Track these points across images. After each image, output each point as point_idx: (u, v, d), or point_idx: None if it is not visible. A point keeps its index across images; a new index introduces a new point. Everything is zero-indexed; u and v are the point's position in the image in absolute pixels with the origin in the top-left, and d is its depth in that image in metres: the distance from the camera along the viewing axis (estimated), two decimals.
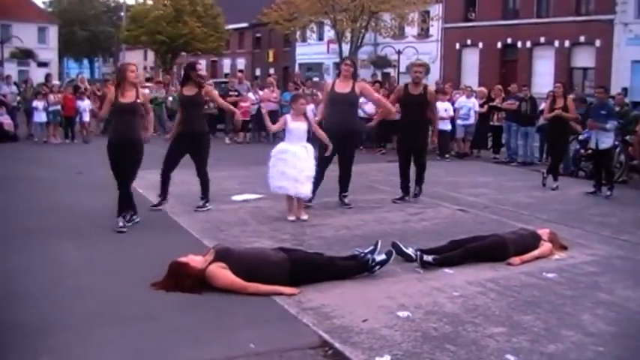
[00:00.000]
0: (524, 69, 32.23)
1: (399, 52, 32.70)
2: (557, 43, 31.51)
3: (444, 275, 5.67)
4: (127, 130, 7.16)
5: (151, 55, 52.91)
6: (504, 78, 29.50)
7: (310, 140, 7.99)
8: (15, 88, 19.54)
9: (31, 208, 8.35)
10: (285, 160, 7.67)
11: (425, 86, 9.40)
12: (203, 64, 53.39)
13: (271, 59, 48.94)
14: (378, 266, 5.59)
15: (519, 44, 33.13)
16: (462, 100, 16.03)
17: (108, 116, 7.96)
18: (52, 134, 17.21)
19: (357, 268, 5.57)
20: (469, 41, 35.59)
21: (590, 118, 10.79)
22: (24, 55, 50.62)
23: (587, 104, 12.97)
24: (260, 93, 18.60)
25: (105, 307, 4.72)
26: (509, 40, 33.58)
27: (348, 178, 8.80)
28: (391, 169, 9.43)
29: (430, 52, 36.39)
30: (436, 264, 5.85)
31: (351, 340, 4.19)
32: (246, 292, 4.98)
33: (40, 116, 16.94)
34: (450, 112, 15.61)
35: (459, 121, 15.80)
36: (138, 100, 7.26)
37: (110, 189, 7.32)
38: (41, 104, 16.86)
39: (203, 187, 8.35)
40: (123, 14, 51.12)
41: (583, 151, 12.61)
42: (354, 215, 8.22)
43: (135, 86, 7.30)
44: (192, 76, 8.22)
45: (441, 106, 15.44)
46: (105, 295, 5.00)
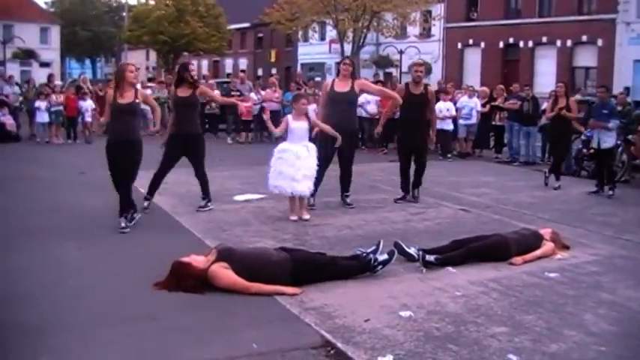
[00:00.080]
0: (526, 68, 32.18)
1: (401, 52, 32.65)
2: (559, 42, 31.47)
3: (446, 275, 5.67)
4: (126, 131, 7.12)
5: (153, 55, 53.07)
6: (506, 77, 29.45)
7: (311, 140, 7.99)
8: (17, 88, 19.58)
9: (33, 208, 8.36)
10: (285, 160, 7.68)
11: (425, 86, 9.42)
12: (205, 64, 53.73)
13: (273, 59, 48.96)
14: (380, 266, 5.60)
15: (521, 44, 33.08)
16: (464, 100, 16.03)
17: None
18: (54, 134, 17.24)
19: (359, 267, 5.57)
20: (471, 41, 35.55)
21: (592, 117, 10.78)
22: (26, 56, 50.70)
23: (588, 104, 12.96)
24: (262, 93, 18.61)
25: (106, 307, 4.72)
26: (511, 40, 33.55)
27: (349, 178, 8.81)
28: (393, 168, 9.44)
29: (432, 51, 36.38)
30: (438, 264, 5.84)
31: (354, 340, 4.19)
32: (249, 292, 4.98)
33: (43, 116, 16.98)
34: (452, 111, 15.61)
35: (461, 121, 15.80)
36: (137, 101, 7.23)
37: (112, 189, 7.31)
38: (43, 104, 16.90)
39: (203, 187, 8.35)
40: (125, 14, 51.25)
41: (585, 151, 12.62)
42: (356, 215, 8.22)
43: (134, 87, 7.27)
44: (186, 77, 8.17)
45: (443, 106, 15.51)
46: (107, 295, 5.00)
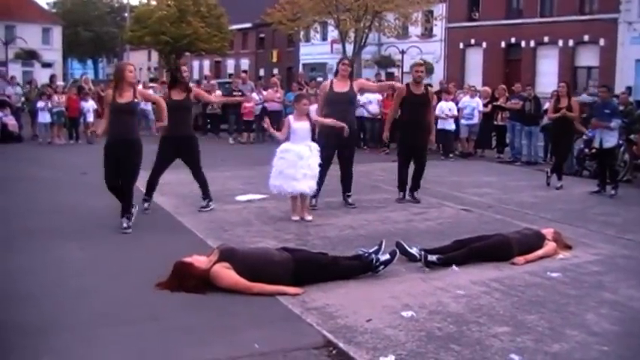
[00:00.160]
0: (528, 68, 32.16)
1: (402, 52, 32.64)
2: (561, 42, 31.46)
3: (448, 275, 5.67)
4: (125, 131, 7.08)
5: (155, 56, 53.14)
6: (508, 77, 29.45)
7: (313, 140, 7.99)
8: (19, 88, 19.60)
9: (35, 208, 8.37)
10: (286, 160, 7.67)
11: (426, 86, 9.45)
12: (207, 64, 53.78)
13: (275, 59, 48.95)
14: (382, 266, 5.59)
15: (523, 44, 33.07)
16: (465, 100, 16.03)
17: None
18: (56, 135, 17.26)
19: (361, 267, 5.57)
20: (473, 41, 35.55)
21: (594, 117, 10.78)
22: (28, 56, 50.73)
23: (590, 105, 12.96)
24: (264, 93, 18.62)
25: (108, 308, 4.72)
26: (512, 40, 33.54)
27: (349, 178, 8.80)
28: (395, 168, 9.43)
29: (434, 51, 36.38)
30: (440, 264, 5.84)
31: (355, 340, 4.19)
32: (251, 292, 4.98)
33: (45, 117, 17.00)
34: (454, 111, 15.62)
35: (462, 121, 15.80)
36: (136, 100, 7.20)
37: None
38: (45, 105, 16.92)
39: (203, 188, 8.35)
40: (127, 15, 51.31)
41: (587, 151, 12.61)
42: (357, 215, 8.22)
43: (132, 86, 7.22)
44: (180, 78, 8.12)
45: (445, 106, 15.53)
46: (108, 296, 5.00)
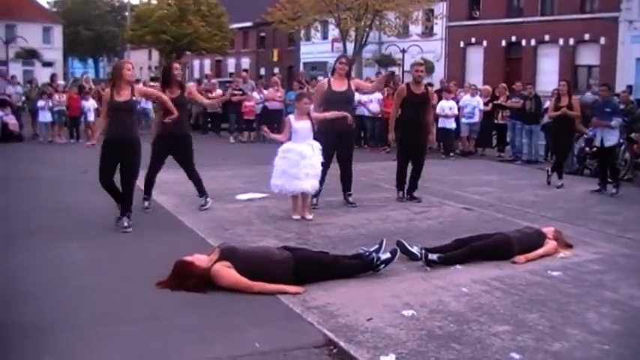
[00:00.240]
0: (528, 67, 32.14)
1: (403, 51, 32.63)
2: (561, 41, 31.43)
3: (448, 274, 5.67)
4: (123, 130, 7.07)
5: (156, 55, 53.13)
6: (509, 76, 29.43)
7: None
8: (20, 88, 19.60)
9: (35, 207, 8.37)
10: (288, 159, 7.66)
11: (426, 86, 9.47)
12: (207, 63, 53.78)
13: (276, 58, 48.94)
14: (382, 265, 5.59)
15: (524, 42, 33.04)
16: (466, 99, 16.03)
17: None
18: (56, 134, 17.28)
19: (361, 266, 5.57)
20: (473, 39, 35.52)
21: (595, 116, 10.77)
22: (29, 55, 50.76)
23: (590, 105, 12.95)
24: (264, 92, 18.61)
25: (109, 307, 4.72)
26: (513, 38, 33.52)
27: (349, 177, 8.78)
28: (395, 167, 9.43)
29: (434, 50, 36.38)
30: (441, 262, 5.84)
31: (356, 339, 4.19)
32: (251, 291, 4.98)
33: (45, 116, 17.01)
34: (455, 110, 15.61)
35: (463, 120, 15.80)
36: (134, 98, 7.20)
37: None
38: (46, 104, 16.92)
39: (198, 185, 8.37)
40: (127, 14, 51.33)
41: (588, 149, 12.61)
42: (358, 214, 8.22)
43: (130, 84, 7.21)
44: (172, 77, 8.10)
45: (446, 105, 15.54)
46: (109, 295, 5.00)
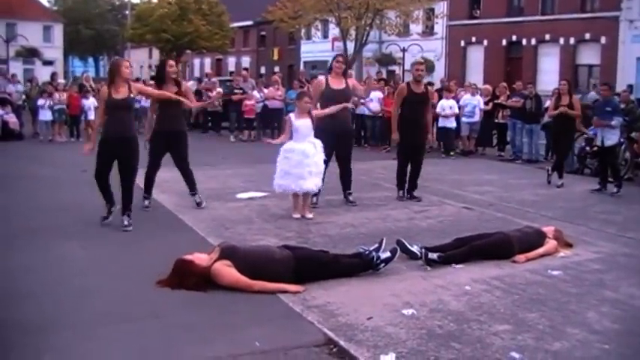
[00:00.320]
0: (529, 66, 32.12)
1: (403, 50, 32.61)
2: (562, 40, 31.41)
3: (448, 273, 5.67)
4: (122, 128, 7.06)
5: (156, 54, 53.03)
6: (509, 75, 29.42)
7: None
8: (20, 86, 19.60)
9: (35, 206, 8.38)
10: (291, 159, 7.65)
11: (426, 85, 9.49)
12: (207, 62, 53.75)
13: (276, 57, 48.94)
14: (382, 264, 5.59)
15: (524, 41, 33.02)
16: (466, 98, 16.02)
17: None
18: (57, 133, 17.29)
19: (361, 265, 5.57)
20: (474, 39, 35.50)
21: (596, 115, 10.77)
22: (29, 54, 50.76)
23: (590, 106, 12.97)
24: (265, 91, 18.62)
25: (109, 306, 4.72)
26: (514, 38, 33.51)
27: (348, 176, 8.78)
28: (395, 166, 9.43)
29: (435, 49, 36.36)
30: (441, 262, 5.84)
31: (356, 338, 4.19)
32: (252, 289, 4.98)
33: (46, 115, 17.03)
34: (455, 109, 15.61)
35: (463, 119, 15.80)
36: (132, 96, 7.19)
37: (115, 187, 7.30)
38: (46, 103, 16.93)
39: (190, 183, 8.36)
40: (128, 12, 51.31)
41: (588, 149, 12.61)
42: (358, 213, 8.22)
43: (127, 82, 7.20)
44: (166, 75, 8.09)
45: (446, 104, 15.53)
46: (109, 294, 5.00)
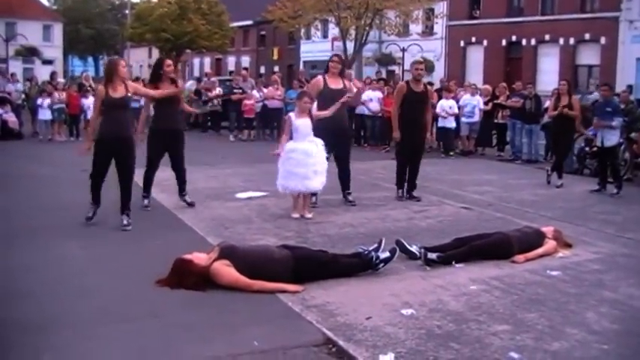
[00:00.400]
0: (528, 66, 32.12)
1: (403, 50, 32.61)
2: (562, 40, 31.42)
3: (448, 273, 5.67)
4: (119, 127, 7.06)
5: (156, 53, 52.84)
6: (509, 75, 29.42)
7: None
8: (20, 85, 19.59)
9: (35, 205, 8.37)
10: (294, 159, 7.64)
11: (425, 84, 9.50)
12: (207, 61, 53.72)
13: (276, 57, 48.93)
14: (382, 264, 5.59)
15: (524, 42, 33.02)
16: (466, 98, 16.02)
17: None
18: (56, 132, 17.29)
19: (361, 265, 5.57)
20: (474, 39, 35.50)
21: (596, 116, 10.76)
22: (29, 53, 50.76)
23: (589, 107, 12.97)
24: (264, 91, 18.62)
25: (108, 305, 4.72)
26: (513, 38, 33.50)
27: (347, 175, 8.77)
28: (395, 166, 9.43)
29: (435, 49, 36.35)
30: (440, 262, 5.84)
31: (355, 338, 4.19)
32: (251, 289, 4.98)
33: (45, 114, 17.02)
34: (455, 109, 15.62)
35: (463, 119, 15.80)
36: (129, 94, 7.21)
37: (114, 187, 7.30)
38: (46, 102, 16.93)
39: (183, 183, 8.35)
40: (127, 12, 51.28)
41: (588, 149, 12.61)
42: (357, 213, 8.21)
43: (124, 81, 7.21)
44: (165, 73, 8.08)
45: (446, 104, 15.54)
46: (108, 293, 5.00)
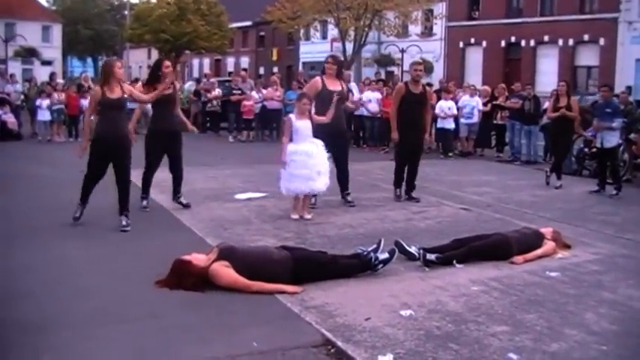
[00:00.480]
0: (527, 67, 32.14)
1: (402, 51, 32.61)
2: (561, 41, 31.44)
3: (446, 274, 5.67)
4: (115, 128, 7.06)
5: (155, 54, 52.88)
6: (508, 76, 29.45)
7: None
8: (19, 86, 19.58)
9: (35, 206, 8.37)
10: (296, 161, 7.63)
11: (424, 85, 9.51)
12: (206, 62, 53.71)
13: (275, 58, 48.92)
14: (381, 265, 5.59)
15: (523, 43, 33.04)
16: (465, 99, 16.03)
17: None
18: (55, 133, 17.28)
19: (360, 266, 5.58)
20: (473, 40, 35.52)
21: (596, 117, 10.76)
22: (28, 54, 50.72)
23: (588, 109, 12.99)
24: (263, 92, 18.62)
25: (107, 306, 4.72)
26: (512, 39, 33.52)
27: (346, 177, 8.77)
28: (394, 167, 9.44)
29: (434, 50, 36.38)
30: (439, 262, 5.84)
31: (354, 339, 4.19)
32: (250, 290, 4.98)
33: (44, 115, 17.01)
34: (454, 110, 15.61)
35: (462, 120, 15.80)
36: (125, 96, 7.21)
37: (113, 187, 7.29)
38: (45, 103, 16.92)
39: (179, 185, 8.35)
40: (126, 13, 51.27)
41: (587, 150, 12.61)
42: (357, 214, 8.22)
43: (120, 83, 7.22)
44: (163, 74, 8.07)
45: (445, 105, 15.54)
46: (108, 294, 5.00)
